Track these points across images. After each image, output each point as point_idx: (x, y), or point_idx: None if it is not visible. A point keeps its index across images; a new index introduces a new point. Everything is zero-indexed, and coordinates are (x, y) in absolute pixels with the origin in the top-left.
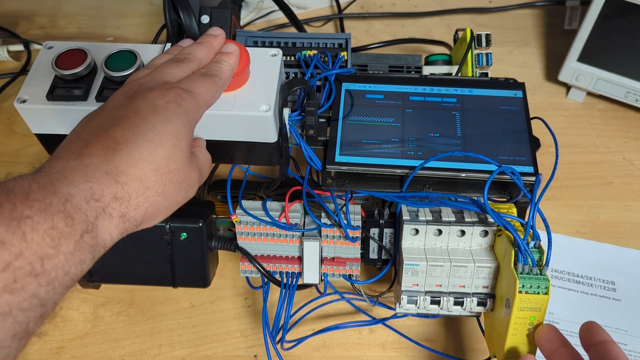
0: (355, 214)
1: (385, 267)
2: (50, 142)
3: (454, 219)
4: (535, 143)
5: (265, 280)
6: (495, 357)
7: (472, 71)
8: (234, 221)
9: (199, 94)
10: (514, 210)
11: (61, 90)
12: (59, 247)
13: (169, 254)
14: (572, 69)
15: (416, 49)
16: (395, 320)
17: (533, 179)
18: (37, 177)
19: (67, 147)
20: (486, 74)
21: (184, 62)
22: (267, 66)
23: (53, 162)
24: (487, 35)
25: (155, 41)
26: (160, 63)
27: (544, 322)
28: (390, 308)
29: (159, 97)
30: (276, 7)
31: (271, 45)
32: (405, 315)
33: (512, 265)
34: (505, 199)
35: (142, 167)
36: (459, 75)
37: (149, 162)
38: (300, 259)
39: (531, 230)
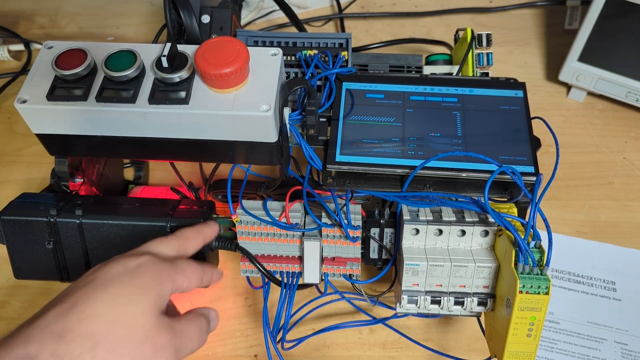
0: (356, 213)
1: (385, 267)
2: (51, 142)
3: (454, 218)
4: (535, 143)
5: (266, 280)
6: (495, 357)
7: (473, 71)
8: (234, 221)
9: (178, 264)
10: (515, 210)
11: (61, 90)
12: None
13: None
14: (573, 68)
15: (417, 49)
16: (395, 320)
17: (534, 178)
18: None
19: (43, 314)
20: (487, 74)
21: (169, 238)
22: (267, 66)
23: (22, 325)
24: (488, 35)
25: (155, 41)
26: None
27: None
28: (390, 308)
29: (132, 260)
30: (276, 7)
31: (271, 45)
32: (405, 315)
33: (513, 265)
34: (505, 199)
35: (92, 322)
36: (460, 75)
37: (102, 315)
38: (300, 259)
39: (532, 230)
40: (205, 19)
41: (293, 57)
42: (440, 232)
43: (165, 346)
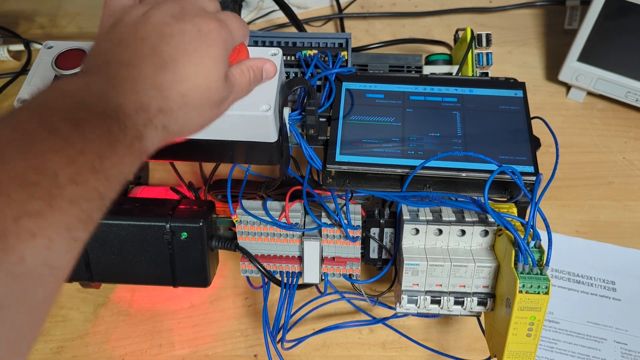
0: (356, 213)
1: (385, 267)
2: None
3: (454, 218)
4: (535, 143)
5: (266, 279)
6: (495, 356)
7: (473, 71)
8: (234, 221)
9: (234, 29)
10: (514, 210)
11: None
12: (114, 149)
13: (170, 254)
14: (573, 68)
15: (416, 49)
16: (395, 320)
17: (533, 178)
18: (88, 81)
19: (111, 51)
20: (486, 74)
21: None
22: None
23: (104, 68)
24: (488, 35)
25: None
26: None
27: (544, 322)
28: (390, 308)
29: (204, 24)
30: (276, 7)
31: (271, 45)
32: (405, 314)
33: (513, 265)
34: (505, 199)
35: (185, 84)
36: (460, 75)
37: (191, 80)
38: (300, 259)
39: (531, 230)
40: None
41: (293, 57)
42: (440, 232)
43: (228, 99)
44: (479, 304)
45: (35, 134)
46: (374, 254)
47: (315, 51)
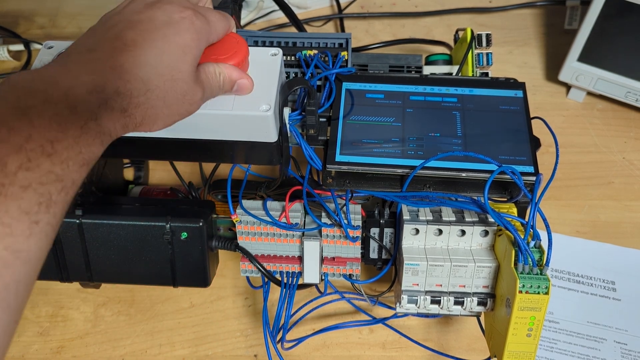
0: (356, 213)
1: (385, 267)
2: None
3: (454, 218)
4: (535, 143)
5: (266, 279)
6: (495, 357)
7: (473, 71)
8: (234, 221)
9: (212, 21)
10: (514, 210)
11: None
12: (66, 132)
13: (170, 254)
14: (573, 68)
15: (416, 49)
16: (395, 320)
17: (533, 178)
18: (42, 70)
19: (79, 42)
20: (486, 74)
21: None
22: (267, 66)
23: (61, 56)
24: (488, 35)
25: None
26: None
27: (544, 321)
28: (390, 308)
29: (176, 12)
30: (276, 7)
31: (271, 45)
32: (405, 314)
33: (513, 265)
34: (505, 199)
35: (146, 69)
36: (460, 75)
37: (152, 66)
38: (300, 259)
39: (531, 230)
40: None
41: (293, 57)
42: (440, 232)
43: (199, 98)
44: (479, 304)
45: None
46: (374, 254)
47: (315, 51)
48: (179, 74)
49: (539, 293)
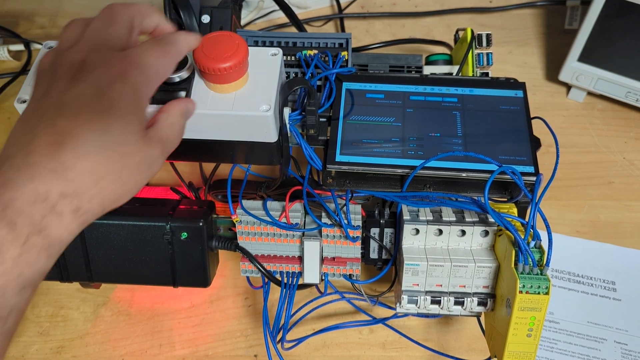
0: (356, 213)
1: (385, 267)
2: None
3: (454, 218)
4: (535, 143)
5: (266, 280)
6: (495, 357)
7: (473, 71)
8: (234, 221)
9: (148, 65)
10: (515, 210)
11: None
12: (2, 254)
13: (170, 254)
14: (573, 68)
15: (417, 49)
16: (395, 320)
17: (534, 178)
18: None
19: (15, 141)
20: (487, 74)
21: (118, 14)
22: (267, 66)
23: (1, 162)
24: (488, 35)
25: None
26: (92, 21)
27: (545, 321)
28: (390, 308)
29: (103, 78)
30: (276, 7)
31: (271, 45)
32: (405, 315)
33: (513, 265)
34: (505, 199)
35: (90, 159)
36: (460, 75)
37: (96, 153)
38: (300, 259)
39: (532, 230)
40: (206, 19)
41: (293, 57)
42: (440, 232)
43: (158, 157)
44: (479, 304)
45: None
46: (374, 254)
47: (316, 51)
48: (128, 147)
49: (539, 293)
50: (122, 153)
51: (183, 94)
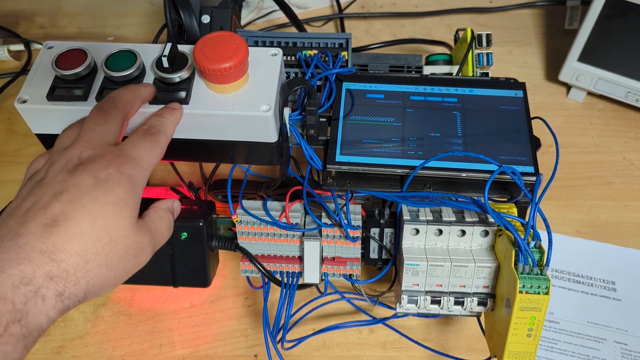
0: (356, 213)
1: (385, 267)
2: (51, 142)
3: (454, 218)
4: (535, 143)
5: (266, 280)
6: (495, 357)
7: (473, 71)
8: (234, 221)
9: (141, 157)
10: (515, 210)
11: (61, 90)
12: None
13: (170, 254)
14: (573, 68)
15: (417, 49)
16: (395, 320)
17: (534, 178)
18: None
19: (4, 224)
20: (487, 74)
21: (109, 112)
22: (267, 66)
23: None
24: (488, 35)
25: (155, 41)
26: (85, 121)
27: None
28: (390, 308)
29: (101, 169)
30: (277, 7)
31: (272, 45)
32: (405, 315)
33: (513, 265)
34: (505, 199)
35: (81, 240)
36: (460, 75)
37: (87, 235)
38: (300, 259)
39: (532, 230)
40: (206, 19)
41: (293, 57)
42: (440, 232)
43: (146, 247)
44: (479, 304)
45: None
46: (374, 254)
47: (316, 51)
48: (117, 232)
49: (539, 293)
50: (112, 237)
51: (183, 94)
